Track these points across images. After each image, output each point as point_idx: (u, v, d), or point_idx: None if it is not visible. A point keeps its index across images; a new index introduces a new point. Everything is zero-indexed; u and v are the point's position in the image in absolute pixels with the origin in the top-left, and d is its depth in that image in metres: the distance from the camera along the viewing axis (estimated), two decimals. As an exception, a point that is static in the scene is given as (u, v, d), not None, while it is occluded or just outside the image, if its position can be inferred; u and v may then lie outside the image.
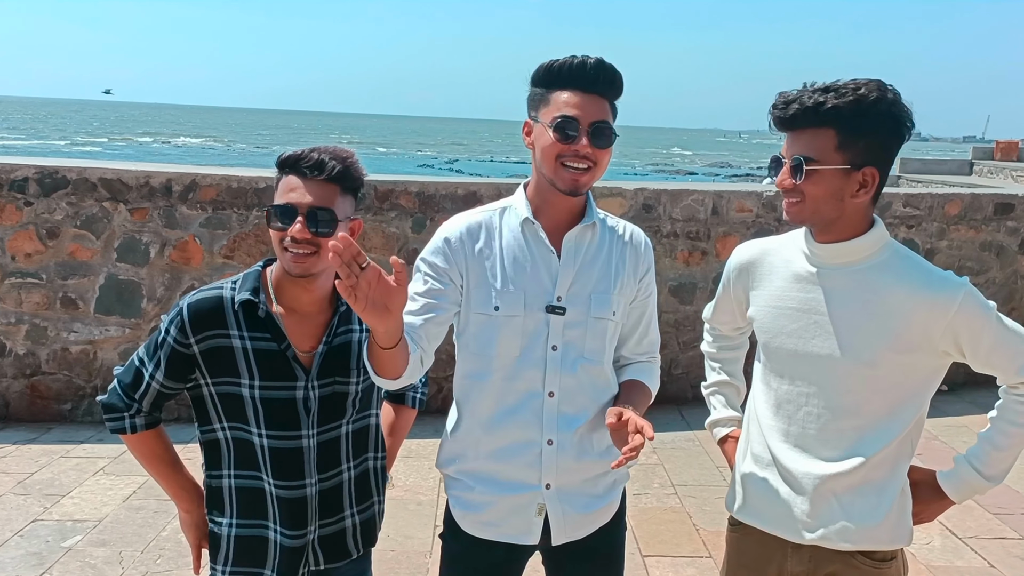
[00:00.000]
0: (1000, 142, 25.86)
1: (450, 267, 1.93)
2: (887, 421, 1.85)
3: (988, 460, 1.89)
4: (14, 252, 5.28)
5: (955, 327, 1.78)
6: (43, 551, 3.73)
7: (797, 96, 1.78)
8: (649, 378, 2.08)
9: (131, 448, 2.02)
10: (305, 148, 1.85)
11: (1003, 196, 7.03)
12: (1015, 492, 4.64)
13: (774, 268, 1.96)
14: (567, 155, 1.85)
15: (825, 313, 1.85)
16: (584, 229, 1.96)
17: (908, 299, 1.79)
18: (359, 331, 1.97)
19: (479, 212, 2.01)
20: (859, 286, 1.83)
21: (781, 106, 1.80)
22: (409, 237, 5.59)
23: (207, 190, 5.38)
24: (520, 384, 1.93)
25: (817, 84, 1.80)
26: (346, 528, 1.99)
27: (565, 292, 1.93)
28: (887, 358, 1.81)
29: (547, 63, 1.90)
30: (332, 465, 1.95)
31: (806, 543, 1.90)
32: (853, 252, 1.84)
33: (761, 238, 2.08)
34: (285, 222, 1.80)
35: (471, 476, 2.00)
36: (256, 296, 1.88)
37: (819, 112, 1.75)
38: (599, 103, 1.87)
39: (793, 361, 1.90)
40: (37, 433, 5.17)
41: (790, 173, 1.80)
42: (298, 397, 1.88)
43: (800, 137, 1.79)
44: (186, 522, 2.06)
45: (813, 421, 1.88)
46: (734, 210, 6.08)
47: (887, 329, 1.80)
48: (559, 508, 1.97)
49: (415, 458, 4.78)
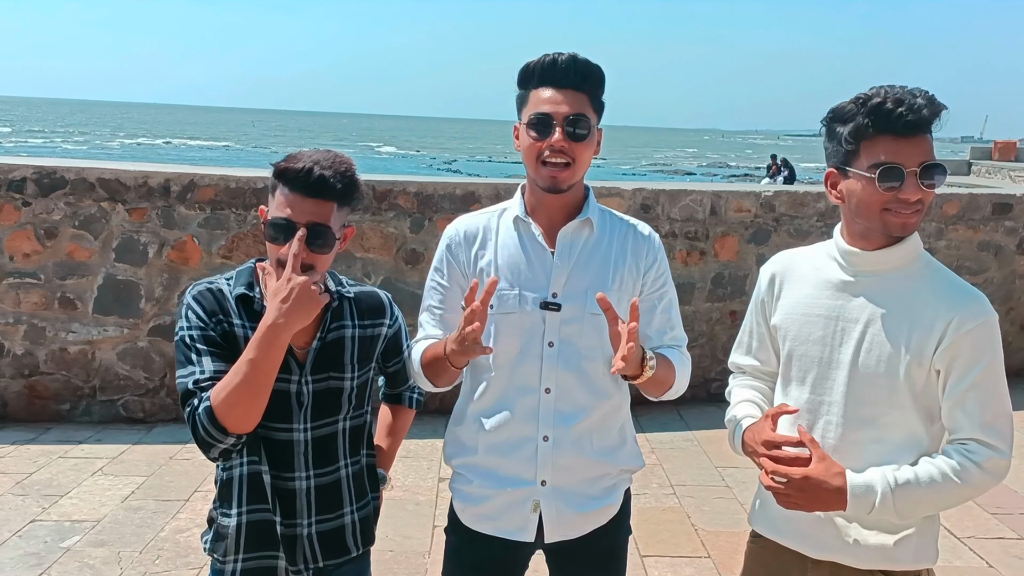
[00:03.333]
0: (998, 142, 25.92)
1: (454, 272, 2.01)
2: (908, 436, 1.79)
3: (906, 491, 1.72)
4: (12, 252, 5.28)
5: (960, 345, 1.73)
6: (41, 551, 3.72)
7: (918, 97, 1.70)
8: (674, 356, 2.00)
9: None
10: (303, 158, 1.81)
11: (1001, 196, 7.04)
12: (1013, 492, 4.65)
13: (804, 276, 1.92)
14: (544, 152, 1.87)
15: (853, 320, 1.82)
16: (580, 225, 1.97)
17: (933, 309, 1.75)
18: (352, 327, 1.98)
19: (478, 215, 2.06)
20: (889, 295, 1.80)
21: (910, 108, 1.69)
22: (407, 237, 5.59)
23: (205, 190, 5.38)
24: (518, 380, 1.96)
25: (897, 89, 1.73)
26: (345, 525, 2.00)
27: (561, 289, 1.94)
28: (908, 371, 1.76)
29: (524, 65, 1.92)
30: (329, 461, 1.96)
31: (825, 559, 1.86)
32: (897, 258, 1.80)
33: (789, 250, 2.03)
34: (280, 238, 1.80)
35: (471, 470, 2.03)
36: (251, 291, 1.90)
37: (932, 119, 1.71)
38: (575, 97, 1.88)
39: (816, 369, 1.86)
40: (35, 433, 5.16)
41: (926, 181, 1.71)
42: (291, 391, 1.90)
43: (923, 142, 1.71)
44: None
45: (832, 431, 1.83)
46: (732, 210, 6.08)
47: (910, 340, 1.76)
48: (553, 505, 1.98)
49: (414, 458, 4.78)
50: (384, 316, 2.06)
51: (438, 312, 2.02)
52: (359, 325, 2.00)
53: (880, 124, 1.70)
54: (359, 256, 5.54)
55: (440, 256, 2.04)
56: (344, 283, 2.02)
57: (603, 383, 1.99)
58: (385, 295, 2.10)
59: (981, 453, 1.73)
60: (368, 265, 5.56)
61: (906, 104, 1.68)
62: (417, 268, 5.55)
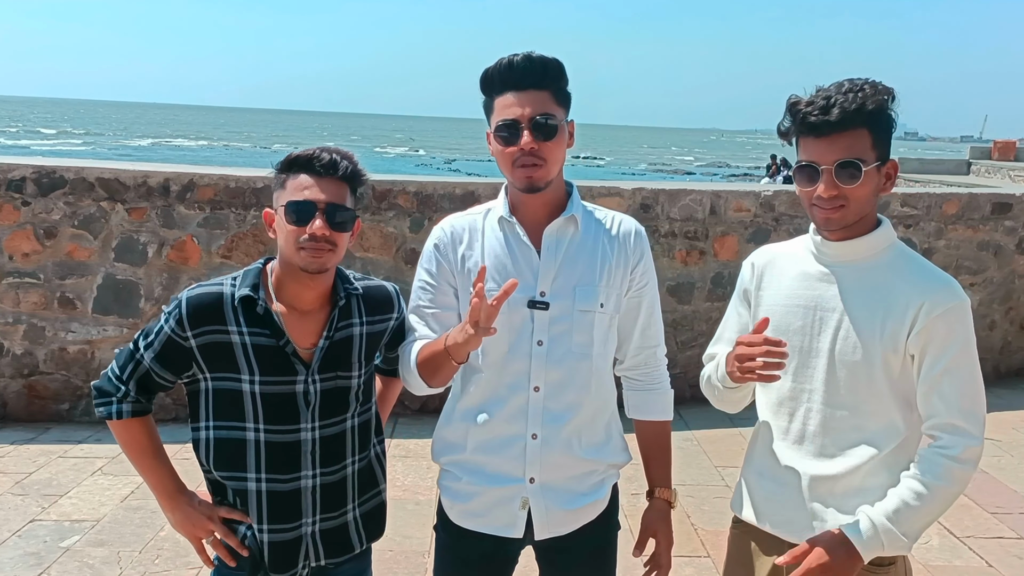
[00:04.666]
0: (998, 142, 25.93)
1: (442, 271, 2.01)
2: (886, 424, 1.84)
3: (904, 516, 1.76)
4: (12, 252, 5.27)
5: (932, 330, 1.77)
6: (41, 551, 3.72)
7: (833, 98, 1.76)
8: (659, 407, 2.15)
9: (116, 436, 1.99)
10: (313, 148, 1.88)
11: (1001, 196, 7.04)
12: (1012, 491, 4.65)
13: (784, 268, 1.98)
14: (517, 156, 1.88)
15: (831, 310, 1.87)
16: (564, 223, 1.97)
17: (905, 296, 1.81)
18: (359, 324, 1.98)
19: (464, 215, 2.06)
20: (865, 284, 1.85)
21: (821, 110, 1.76)
22: (407, 237, 5.59)
23: (205, 190, 5.38)
24: (507, 378, 1.96)
25: (830, 87, 1.79)
26: (348, 522, 2.00)
27: (548, 287, 1.95)
28: (885, 358, 1.82)
29: (482, 73, 1.93)
30: (337, 459, 1.96)
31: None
32: (864, 249, 1.86)
33: (771, 244, 2.08)
34: (303, 219, 1.83)
35: (460, 467, 2.04)
36: (256, 293, 1.89)
37: (861, 112, 1.76)
38: (537, 97, 1.88)
39: (797, 358, 1.90)
40: (35, 433, 5.16)
41: (839, 178, 1.77)
42: (298, 391, 1.90)
43: (840, 140, 1.77)
44: (175, 521, 2.01)
45: (813, 418, 1.88)
46: (732, 210, 6.09)
47: (885, 327, 1.81)
48: (542, 503, 1.99)
49: (413, 458, 4.78)
50: (392, 310, 2.05)
51: (428, 312, 2.01)
52: (367, 322, 2.00)
53: (799, 126, 1.80)
54: (359, 256, 5.54)
55: (429, 256, 2.03)
56: (352, 279, 2.01)
57: (592, 381, 1.99)
58: (393, 287, 2.09)
59: (956, 445, 1.76)
60: (368, 265, 5.56)
61: (817, 106, 1.76)
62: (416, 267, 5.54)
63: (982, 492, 4.60)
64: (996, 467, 5.03)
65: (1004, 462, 5.14)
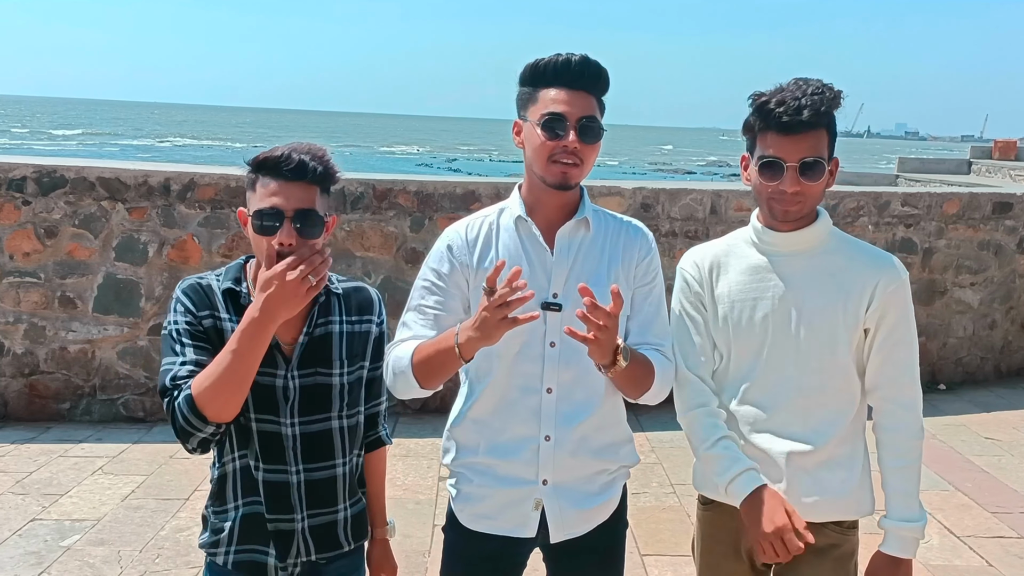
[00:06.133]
0: (998, 141, 25.89)
1: (454, 273, 1.99)
2: (848, 396, 1.98)
3: (906, 505, 1.95)
4: (12, 251, 5.28)
5: (888, 304, 1.93)
6: (41, 550, 3.73)
7: (804, 99, 1.85)
8: (655, 358, 1.98)
9: (208, 398, 1.76)
10: (280, 148, 1.83)
11: (1001, 195, 7.04)
12: (1013, 491, 4.65)
13: (730, 265, 2.06)
14: (557, 152, 1.88)
15: (790, 298, 1.96)
16: (577, 224, 1.98)
17: (859, 277, 1.94)
18: (339, 323, 1.98)
19: (478, 216, 2.06)
20: (819, 270, 1.96)
21: (792, 111, 1.85)
22: (408, 236, 5.59)
23: (205, 189, 5.38)
24: (519, 380, 1.96)
25: (790, 86, 1.89)
26: (337, 521, 2.00)
27: (561, 288, 1.95)
28: (843, 337, 1.95)
29: (533, 62, 1.92)
30: (323, 456, 1.95)
31: None
32: (812, 237, 1.97)
33: (700, 245, 2.18)
34: (270, 229, 1.79)
35: (471, 469, 2.03)
36: (238, 286, 1.91)
37: (825, 114, 1.87)
38: (586, 99, 1.90)
39: (766, 350, 1.98)
40: (35, 432, 5.17)
41: (803, 174, 1.88)
42: (277, 385, 1.90)
43: (805, 139, 1.88)
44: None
45: (785, 402, 1.97)
46: (732, 209, 6.08)
47: (846, 307, 1.94)
48: (556, 505, 1.98)
49: (414, 457, 4.78)
50: (372, 313, 2.04)
51: (431, 312, 1.98)
52: (347, 321, 1.99)
53: (765, 122, 1.89)
54: (359, 255, 5.55)
55: (440, 256, 2.01)
56: (333, 279, 2.01)
57: (604, 382, 1.98)
58: (375, 292, 2.08)
59: (914, 421, 1.97)
60: (368, 264, 5.56)
61: (786, 105, 1.85)
62: (417, 267, 5.50)
63: (982, 492, 4.60)
64: (996, 467, 5.03)
65: (1004, 462, 5.14)
